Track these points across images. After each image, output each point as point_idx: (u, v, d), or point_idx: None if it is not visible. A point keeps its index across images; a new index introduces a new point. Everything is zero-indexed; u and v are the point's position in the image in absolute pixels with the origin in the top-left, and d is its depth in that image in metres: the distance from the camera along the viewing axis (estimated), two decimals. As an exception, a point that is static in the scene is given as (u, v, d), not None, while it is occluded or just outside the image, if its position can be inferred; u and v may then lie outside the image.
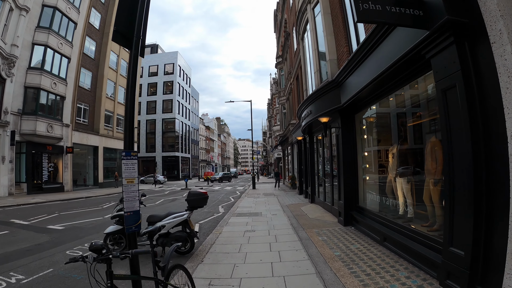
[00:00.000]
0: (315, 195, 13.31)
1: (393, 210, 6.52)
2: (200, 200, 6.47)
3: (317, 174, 12.56)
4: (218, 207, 14.33)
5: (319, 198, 12.38)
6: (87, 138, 29.62)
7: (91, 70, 31.31)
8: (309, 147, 13.57)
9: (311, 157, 13.49)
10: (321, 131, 11.71)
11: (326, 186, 11.19)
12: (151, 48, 56.57)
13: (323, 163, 11.46)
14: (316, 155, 12.91)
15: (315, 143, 13.40)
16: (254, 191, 22.11)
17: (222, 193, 22.21)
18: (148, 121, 51.10)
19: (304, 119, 11.80)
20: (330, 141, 10.18)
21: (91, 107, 31.00)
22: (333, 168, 10.10)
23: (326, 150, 11.13)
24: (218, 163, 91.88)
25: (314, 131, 12.87)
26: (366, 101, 7.50)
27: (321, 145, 11.68)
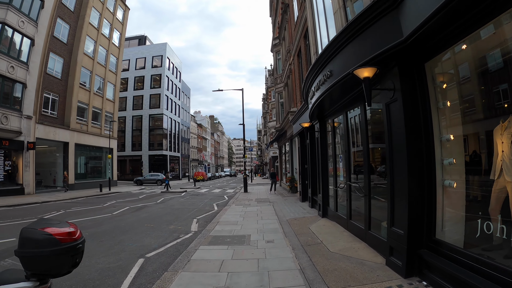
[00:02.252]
0: (328, 206, 9.19)
1: None
2: (48, 259, 1.92)
3: (335, 176, 8.38)
4: (191, 222, 10.14)
5: (337, 212, 8.25)
6: (55, 133, 25.24)
7: (63, 56, 27.00)
8: (320, 137, 9.45)
9: (322, 152, 9.37)
10: (341, 112, 7.63)
11: (353, 196, 7.07)
12: (139, 40, 52.13)
13: (347, 159, 7.32)
14: (333, 148, 8.75)
15: (329, 131, 9.28)
16: (245, 196, 17.95)
17: (207, 198, 18.02)
18: (134, 117, 46.68)
19: (315, 92, 7.70)
20: (365, 119, 6.09)
21: (61, 97, 26.65)
22: (371, 166, 6.04)
23: (356, 137, 7.00)
24: (211, 162, 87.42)
25: (329, 113, 8.75)
26: (451, 32, 3.46)
27: (344, 131, 7.50)
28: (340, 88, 6.32)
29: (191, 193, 21.96)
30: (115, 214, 12.30)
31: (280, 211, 11.21)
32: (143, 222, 10.41)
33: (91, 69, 29.85)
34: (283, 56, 19.63)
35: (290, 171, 19.27)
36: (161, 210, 13.16)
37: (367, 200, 6.04)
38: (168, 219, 10.76)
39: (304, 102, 11.12)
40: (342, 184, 7.70)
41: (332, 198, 8.82)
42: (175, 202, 15.93)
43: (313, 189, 11.30)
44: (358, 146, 6.87)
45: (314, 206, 11.25)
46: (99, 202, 17.00)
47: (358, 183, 6.70)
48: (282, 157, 26.38)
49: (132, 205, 15.20)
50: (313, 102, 8.03)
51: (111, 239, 7.99)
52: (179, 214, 11.95)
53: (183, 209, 13.14)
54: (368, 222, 6.05)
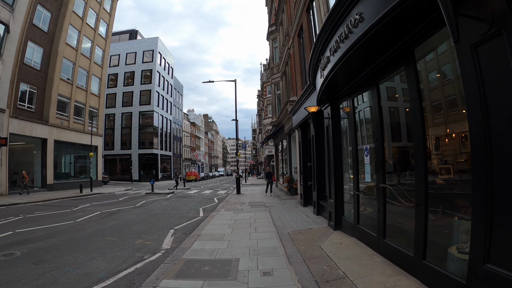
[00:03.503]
0: (343, 216, 6.95)
1: None
2: None
3: (357, 175, 6.07)
4: (166, 234, 7.83)
5: (359, 225, 6.00)
6: (31, 128, 22.71)
7: (43, 45, 24.51)
8: (332, 125, 7.19)
9: (335, 144, 7.11)
10: (367, 87, 5.42)
11: (389, 205, 4.85)
12: (130, 34, 49.43)
13: (379, 151, 5.06)
14: (351, 139, 6.40)
15: (343, 118, 7.06)
16: (237, 198, 15.67)
17: (194, 201, 15.69)
18: (124, 115, 44.05)
19: (327, 64, 5.49)
20: (417, 86, 3.90)
21: (40, 90, 24.13)
22: (427, 160, 3.87)
23: (396, 119, 4.78)
24: (205, 162, 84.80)
25: (346, 91, 6.48)
26: None
27: (375, 112, 5.18)
28: (376, 42, 4.11)
29: (178, 194, 19.61)
30: (78, 222, 9.99)
31: (279, 219, 8.94)
32: (106, 233, 8.13)
33: (74, 61, 27.35)
34: (281, 42, 17.42)
35: (288, 170, 17.03)
36: (136, 216, 10.83)
37: (421, 212, 3.83)
38: (139, 230, 8.46)
39: (308, 85, 8.89)
40: (370, 186, 5.46)
41: (351, 205, 6.59)
42: (156, 206, 13.60)
43: (320, 192, 9.07)
44: (397, 132, 4.66)
45: (321, 213, 9.01)
46: (71, 205, 14.65)
47: (400, 186, 4.48)
48: (279, 156, 24.14)
49: (106, 209, 12.86)
50: (326, 75, 5.79)
51: (51, 259, 5.86)
52: (155, 222, 9.64)
53: (161, 216, 10.83)
54: (422, 246, 3.84)
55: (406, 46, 4.07)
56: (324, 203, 8.72)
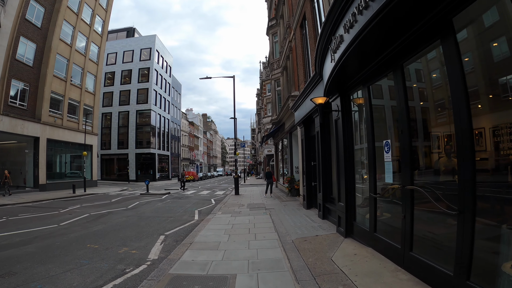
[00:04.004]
0: (355, 221, 6.09)
1: None
2: None
3: (373, 175, 5.19)
4: (155, 241, 6.96)
5: (376, 233, 5.13)
6: (23, 126, 21.81)
7: (36, 41, 23.63)
8: (342, 118, 6.31)
9: (346, 140, 6.23)
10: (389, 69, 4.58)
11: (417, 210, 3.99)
12: (127, 32, 48.40)
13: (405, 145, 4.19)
14: (368, 132, 5.46)
15: (355, 111, 6.21)
16: (236, 200, 14.80)
17: (190, 203, 14.79)
18: (120, 113, 43.07)
19: (340, 45, 4.63)
20: (460, 62, 3.07)
21: (32, 87, 23.24)
22: (474, 156, 3.03)
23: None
24: (204, 162, 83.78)
25: (361, 78, 5.62)
26: None
27: (399, 99, 4.26)
28: (403, 9, 3.28)
29: (174, 195, 18.71)
30: (62, 226, 9.14)
31: (281, 223, 8.07)
32: (89, 239, 7.27)
33: (68, 57, 26.44)
34: (281, 36, 16.55)
35: (289, 170, 16.17)
36: (125, 220, 9.95)
37: (466, 221, 2.99)
38: (125, 236, 7.59)
39: (313, 76, 8.04)
40: (391, 188, 4.60)
41: (365, 209, 5.74)
42: (149, 208, 12.72)
43: (326, 193, 8.21)
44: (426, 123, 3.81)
45: (327, 217, 8.15)
46: (60, 206, 13.78)
47: (432, 187, 3.63)
48: (279, 155, 23.26)
49: (95, 211, 11.98)
50: (338, 59, 4.92)
51: (20, 271, 5.14)
52: (144, 226, 8.76)
53: (153, 219, 9.95)
54: (466, 262, 3.00)
55: (444, 13, 3.23)
56: (331, 206, 7.86)
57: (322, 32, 5.48)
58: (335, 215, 7.46)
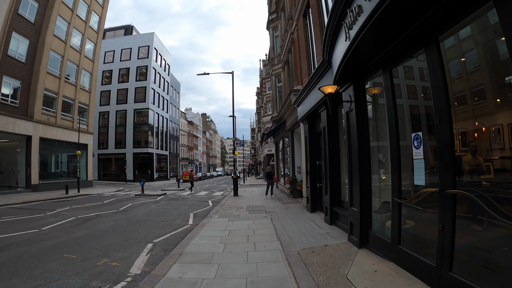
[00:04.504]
0: (371, 229, 5.21)
1: None
2: None
3: (397, 177, 4.28)
4: (141, 251, 6.08)
5: (400, 245, 4.24)
6: (14, 124, 20.91)
7: (29, 37, 22.77)
8: (356, 110, 5.42)
9: (360, 135, 5.33)
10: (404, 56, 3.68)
11: (461, 220, 3.13)
12: (125, 30, 47.43)
13: (446, 138, 3.31)
14: (391, 123, 4.43)
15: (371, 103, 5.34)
16: (234, 201, 13.92)
17: (186, 204, 13.90)
18: (118, 112, 42.16)
19: (358, 16, 3.76)
20: None
21: (25, 84, 22.37)
22: None
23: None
24: (203, 162, 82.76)
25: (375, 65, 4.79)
26: None
27: (438, 78, 3.40)
28: None
29: (170, 196, 17.81)
30: (43, 231, 8.27)
31: (283, 229, 7.18)
32: (68, 248, 6.41)
33: (62, 54, 25.56)
34: (282, 29, 15.68)
35: (290, 170, 15.29)
36: (113, 224, 9.07)
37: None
38: (109, 244, 6.70)
39: (319, 64, 7.16)
40: (423, 192, 3.72)
41: (383, 216, 4.87)
42: (141, 211, 11.83)
43: (334, 196, 7.33)
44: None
45: (335, 222, 7.26)
46: (48, 208, 12.91)
47: (480, 190, 2.76)
48: (279, 154, 22.36)
49: (83, 214, 11.09)
50: (355, 36, 4.05)
51: None
52: (132, 232, 7.88)
53: (143, 223, 9.06)
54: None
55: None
56: (340, 211, 6.98)
57: (334, 7, 4.60)
58: (345, 221, 6.58)
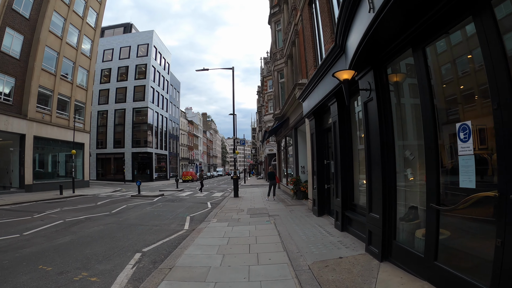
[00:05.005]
0: (394, 239, 4.39)
1: None
2: None
3: (436, 178, 3.50)
4: (127, 262, 5.26)
5: (437, 261, 3.41)
6: (7, 122, 20.14)
7: (23, 32, 22.03)
8: (378, 102, 4.59)
9: (383, 129, 4.53)
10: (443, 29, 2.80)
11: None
12: (124, 28, 46.65)
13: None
14: (426, 111, 3.58)
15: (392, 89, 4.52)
16: (234, 203, 13.11)
17: (183, 206, 13.08)
18: (117, 111, 41.36)
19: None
20: None
21: (18, 81, 21.61)
22: None
23: None
24: (203, 161, 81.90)
25: (402, 44, 3.97)
26: None
27: (489, 52, 2.62)
28: None
29: (168, 198, 16.99)
30: (25, 236, 7.52)
31: (289, 237, 6.36)
32: (46, 257, 5.63)
33: (58, 50, 24.79)
34: (285, 22, 14.88)
35: (294, 170, 14.48)
36: (102, 229, 8.26)
37: None
38: (93, 253, 5.90)
39: (331, 50, 6.34)
40: (480, 195, 2.90)
41: (411, 225, 4.05)
42: (135, 214, 11.01)
43: (346, 199, 6.51)
44: None
45: (348, 228, 6.43)
46: (38, 210, 12.15)
47: None
48: (281, 154, 21.54)
49: (73, 217, 10.30)
50: (380, 7, 3.25)
51: None
52: (121, 238, 7.07)
53: (134, 228, 8.25)
54: None
55: None
56: (353, 216, 6.16)
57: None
58: (360, 227, 5.77)
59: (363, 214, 5.96)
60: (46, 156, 24.83)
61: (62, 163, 26.59)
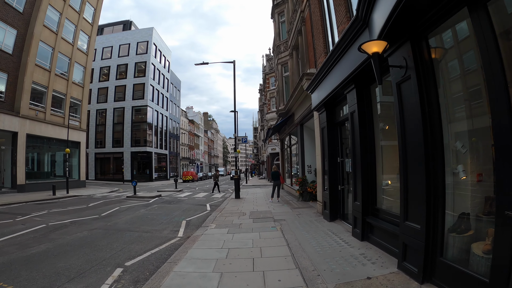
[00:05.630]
0: (441, 256, 3.38)
1: None
2: None
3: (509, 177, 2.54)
4: (103, 280, 4.31)
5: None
6: (-2, 120, 19.28)
7: (16, 27, 21.15)
8: (418, 81, 3.58)
9: (426, 116, 3.52)
10: None
11: None
12: (124, 25, 45.71)
13: None
14: (493, 92, 2.72)
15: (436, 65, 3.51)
16: (236, 205, 12.11)
17: (180, 209, 12.06)
18: (116, 110, 40.43)
19: None
20: None
21: (11, 76, 20.70)
22: None
23: None
24: (204, 161, 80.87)
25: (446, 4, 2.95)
26: None
27: None
28: None
29: (165, 199, 15.98)
30: (-6, 244, 6.50)
31: (301, 248, 5.35)
32: (9, 272, 4.66)
33: (53, 45, 23.87)
34: (289, 12, 13.88)
35: (300, 170, 13.45)
36: (86, 235, 7.27)
37: None
38: (66, 267, 4.91)
39: (351, 23, 5.33)
40: None
41: (467, 239, 3.04)
42: (126, 217, 10.00)
43: (368, 203, 5.50)
44: None
45: (369, 237, 5.41)
46: (24, 212, 11.18)
47: None
48: (285, 153, 20.52)
49: (58, 220, 9.32)
50: None
51: None
52: (104, 248, 6.07)
53: (122, 234, 7.26)
54: None
55: None
56: (376, 222, 5.16)
57: None
58: (386, 236, 4.78)
59: (389, 221, 4.97)
60: (41, 155, 23.92)
61: (60, 163, 25.63)
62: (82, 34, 27.46)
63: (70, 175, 25.19)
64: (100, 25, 46.03)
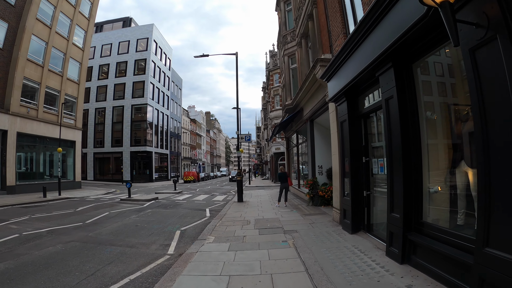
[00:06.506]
0: None
1: None
2: None
3: None
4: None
5: None
6: (-14, 117, 18.21)
7: (8, 20, 20.12)
8: None
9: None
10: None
11: None
12: (123, 22, 44.53)
13: None
14: None
15: None
16: (238, 211, 10.84)
17: (176, 215, 10.77)
18: (115, 108, 39.32)
19: None
20: None
21: (1, 72, 19.67)
22: None
23: None
24: (206, 161, 79.59)
25: None
26: None
27: None
28: None
29: (161, 202, 14.71)
30: None
31: (325, 277, 4.04)
32: None
33: (46, 40, 22.77)
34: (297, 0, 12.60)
35: (309, 171, 12.16)
36: (59, 250, 6.03)
37: None
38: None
39: None
40: None
41: None
42: (113, 226, 8.74)
43: (410, 215, 4.22)
44: None
45: (412, 258, 4.11)
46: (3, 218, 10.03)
47: None
48: (291, 152, 19.24)
49: (34, 229, 8.11)
50: None
51: None
52: (74, 269, 4.82)
53: (102, 250, 6.01)
54: None
55: None
56: (422, 241, 3.89)
57: None
58: (436, 259, 3.53)
59: (439, 239, 3.71)
60: (33, 154, 22.77)
61: (55, 163, 24.49)
62: (78, 29, 26.36)
63: (64, 176, 24.08)
64: (100, 22, 45.04)
